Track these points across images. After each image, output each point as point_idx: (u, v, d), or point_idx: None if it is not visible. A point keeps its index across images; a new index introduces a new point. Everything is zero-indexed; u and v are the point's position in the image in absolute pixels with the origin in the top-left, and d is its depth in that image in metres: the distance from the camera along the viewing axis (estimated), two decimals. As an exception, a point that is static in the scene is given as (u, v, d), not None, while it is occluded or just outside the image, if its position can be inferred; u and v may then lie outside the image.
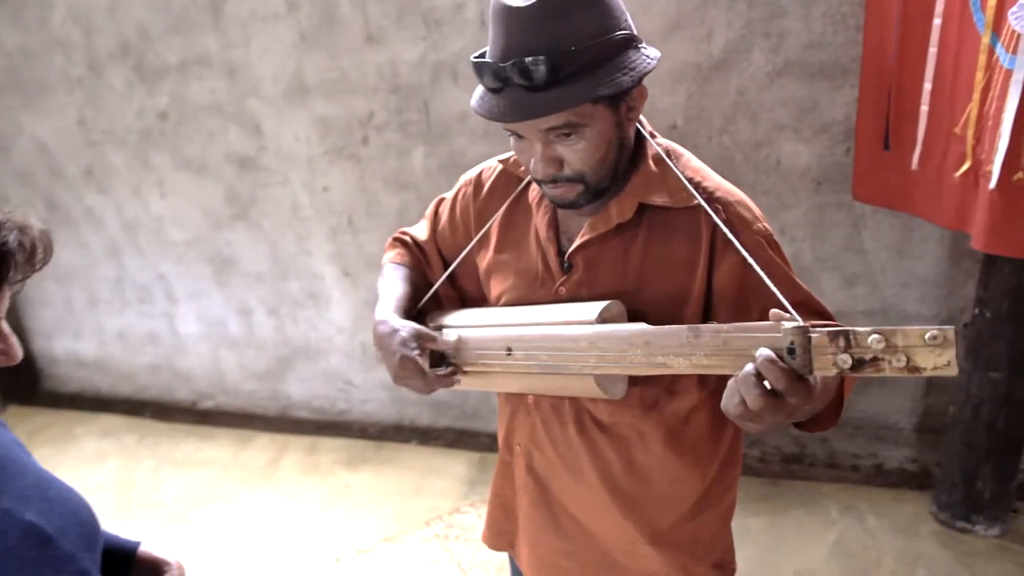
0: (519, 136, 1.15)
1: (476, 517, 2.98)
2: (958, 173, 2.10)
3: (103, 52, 3.33)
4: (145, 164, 3.53)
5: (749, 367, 0.92)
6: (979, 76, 2.01)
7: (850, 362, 0.85)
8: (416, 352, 1.27)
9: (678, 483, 1.34)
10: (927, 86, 2.21)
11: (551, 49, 1.04)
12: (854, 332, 0.85)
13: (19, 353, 0.91)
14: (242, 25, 3.07)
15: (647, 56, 1.12)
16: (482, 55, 1.13)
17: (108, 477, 3.53)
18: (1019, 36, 1.86)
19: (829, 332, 0.86)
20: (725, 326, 0.98)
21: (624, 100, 1.14)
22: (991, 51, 1.97)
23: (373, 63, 2.99)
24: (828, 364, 0.87)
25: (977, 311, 2.46)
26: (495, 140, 2.98)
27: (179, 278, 3.79)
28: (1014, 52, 1.89)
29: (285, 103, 3.18)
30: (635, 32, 1.12)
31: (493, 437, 3.47)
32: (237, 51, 3.13)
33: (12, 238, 0.84)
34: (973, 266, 2.69)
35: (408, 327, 1.30)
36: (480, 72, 1.10)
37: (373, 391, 3.68)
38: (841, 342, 0.86)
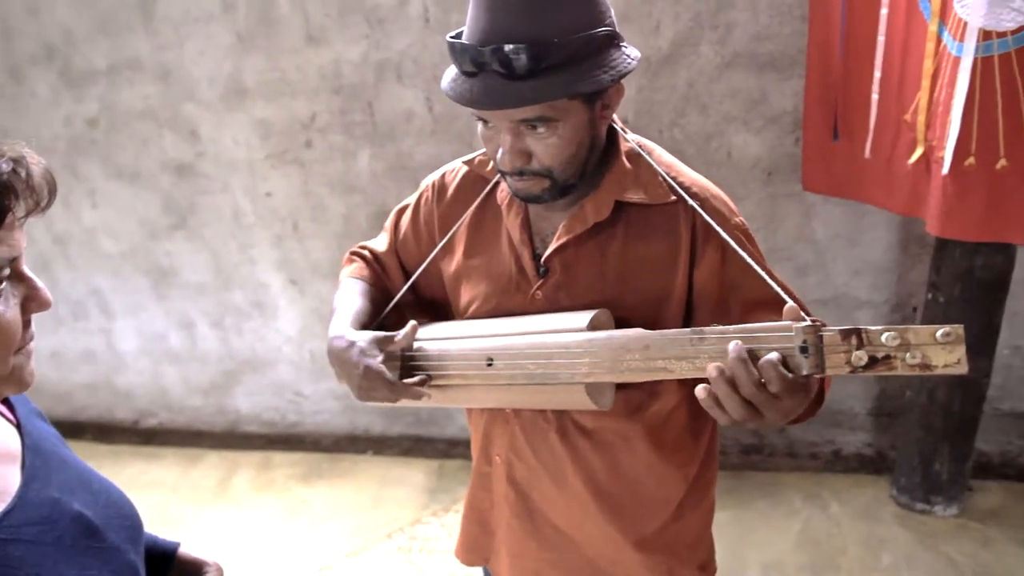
0: (487, 124, 1.11)
1: (439, 527, 2.92)
2: (911, 160, 2.11)
3: (24, 56, 3.16)
4: (74, 174, 3.37)
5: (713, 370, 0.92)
6: (927, 63, 2.02)
7: (865, 360, 0.83)
8: (379, 359, 1.20)
9: (663, 486, 1.31)
10: (877, 74, 2.22)
11: (533, 39, 0.99)
12: (866, 330, 0.84)
13: (50, 299, 0.84)
14: (175, 26, 2.94)
15: (628, 56, 1.09)
16: (459, 35, 1.08)
17: (48, 504, 3.36)
18: (965, 24, 1.88)
19: (841, 330, 0.85)
20: (731, 328, 0.95)
21: (600, 98, 1.10)
22: (938, 39, 1.99)
23: (314, 63, 2.89)
24: (840, 363, 0.85)
25: (930, 296, 2.49)
26: (443, 140, 2.92)
27: (115, 292, 3.63)
28: (961, 39, 1.90)
29: (223, 107, 3.06)
30: (617, 29, 1.09)
31: (450, 443, 3.42)
32: (170, 53, 3.00)
33: (5, 167, 0.78)
34: (921, 251, 2.74)
35: (365, 336, 1.23)
36: (456, 53, 1.05)
37: (324, 401, 3.58)
38: (854, 340, 0.84)
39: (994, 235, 2.03)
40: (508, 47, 0.99)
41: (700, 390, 0.92)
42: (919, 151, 2.09)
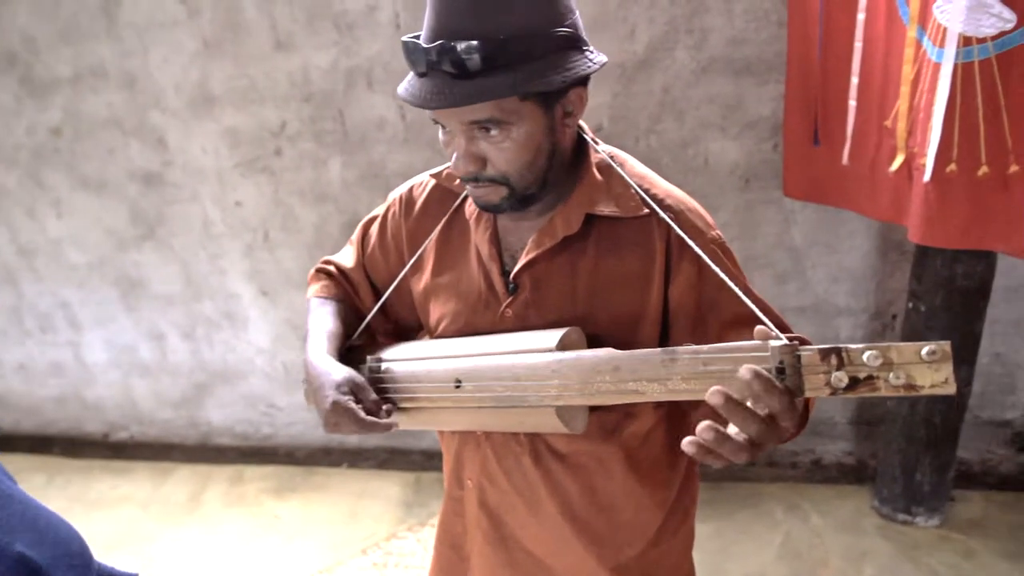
0: (444, 128, 1.07)
1: (415, 542, 2.85)
2: (892, 167, 2.08)
3: (-15, 65, 3.08)
4: (39, 184, 3.29)
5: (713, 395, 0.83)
6: (907, 69, 1.99)
7: (846, 381, 0.78)
8: (349, 398, 1.16)
9: (641, 510, 1.26)
10: (854, 80, 2.19)
11: (480, 35, 0.95)
12: (846, 349, 0.79)
13: None
14: (139, 33, 2.87)
15: (589, 60, 1.03)
16: (418, 37, 1.03)
17: (13, 523, 3.25)
18: (945, 29, 1.85)
19: (821, 350, 0.80)
20: (704, 348, 0.90)
21: (559, 102, 1.05)
22: (918, 44, 1.95)
23: (283, 70, 2.83)
24: (820, 384, 0.80)
25: (911, 304, 2.46)
26: (415, 148, 2.86)
27: (83, 304, 3.54)
28: (941, 45, 1.87)
29: (190, 115, 2.99)
30: (582, 33, 1.03)
31: (427, 455, 3.36)
32: (135, 60, 2.93)
33: None
34: (899, 258, 2.71)
35: (341, 372, 1.19)
36: (407, 53, 1.01)
37: (298, 413, 3.51)
38: (833, 360, 0.79)
39: (976, 243, 1.99)
40: (453, 44, 0.95)
41: (687, 445, 0.83)
42: (900, 158, 2.05)
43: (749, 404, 0.83)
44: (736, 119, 2.63)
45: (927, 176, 1.92)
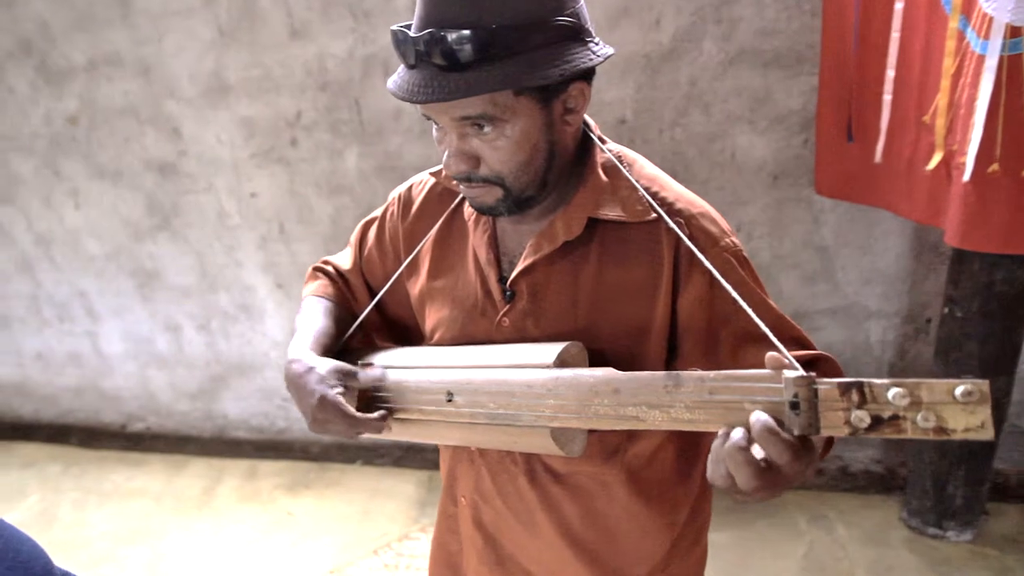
0: (437, 124, 0.99)
1: (427, 543, 2.79)
2: (929, 166, 1.96)
3: (1, 52, 3.04)
4: (56, 173, 3.26)
5: (737, 435, 0.75)
6: (948, 62, 1.87)
7: (868, 421, 0.69)
8: (338, 391, 1.09)
9: (647, 535, 1.18)
10: (890, 73, 2.08)
11: (472, 24, 0.87)
12: (869, 384, 0.69)
13: None
14: (154, 20, 2.82)
15: (593, 53, 0.94)
16: (409, 25, 0.96)
17: (27, 514, 3.25)
18: (991, 19, 1.73)
19: (840, 384, 0.71)
20: (711, 374, 0.82)
21: (559, 98, 0.96)
22: (960, 35, 1.83)
23: (299, 59, 2.76)
24: (839, 422, 0.71)
25: (947, 310, 2.33)
26: (432, 139, 2.77)
27: (100, 294, 3.52)
28: (986, 37, 1.75)
29: (205, 104, 2.93)
30: (587, 23, 0.95)
31: (443, 453, 3.29)
32: (150, 48, 2.88)
33: None
34: (934, 260, 2.59)
35: (326, 364, 1.12)
36: (396, 44, 0.94)
37: (314, 408, 3.46)
38: (855, 396, 0.70)
39: (1018, 247, 1.87)
40: (444, 34, 0.87)
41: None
42: (938, 156, 1.94)
43: (754, 450, 0.75)
44: (765, 113, 2.52)
45: (967, 176, 1.81)
